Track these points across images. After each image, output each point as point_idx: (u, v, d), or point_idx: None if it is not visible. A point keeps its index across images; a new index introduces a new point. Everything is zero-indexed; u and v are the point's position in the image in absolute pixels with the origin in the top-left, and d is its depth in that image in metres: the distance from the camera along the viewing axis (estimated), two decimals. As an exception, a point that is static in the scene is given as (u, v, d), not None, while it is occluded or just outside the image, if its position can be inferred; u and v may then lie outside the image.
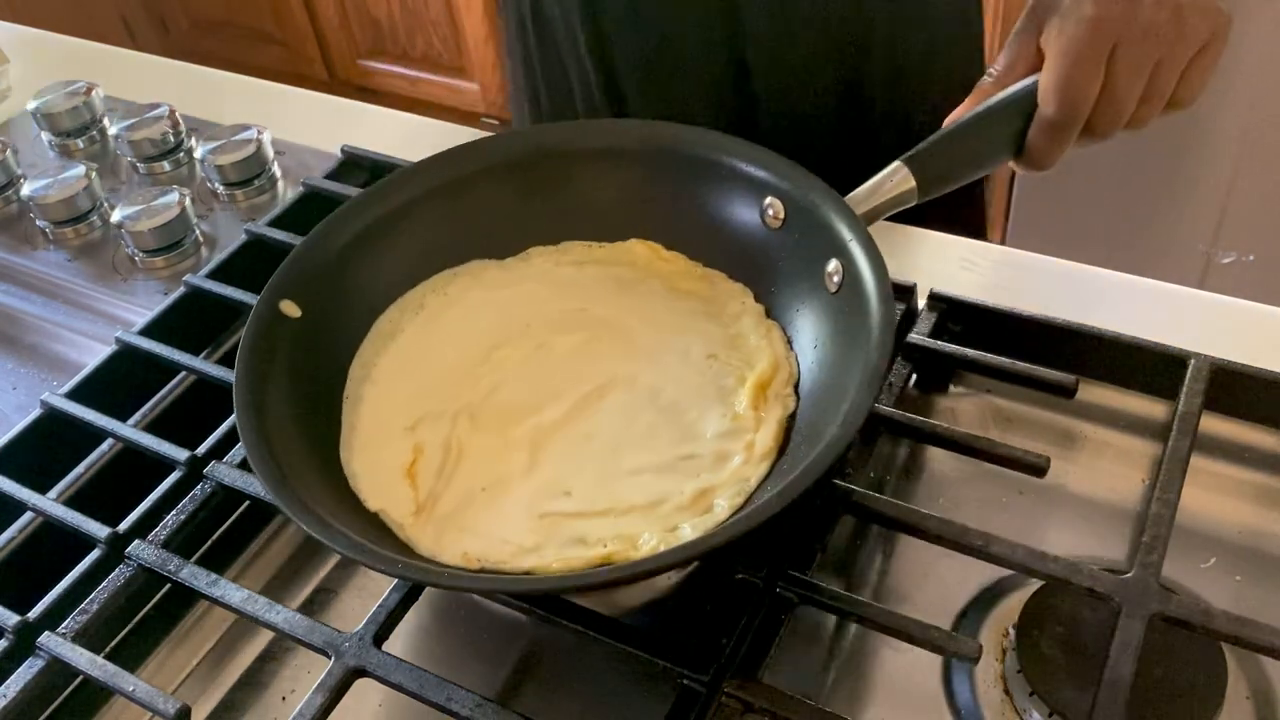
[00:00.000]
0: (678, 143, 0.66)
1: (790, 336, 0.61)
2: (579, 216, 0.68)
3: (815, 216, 0.59)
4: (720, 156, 0.64)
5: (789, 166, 0.61)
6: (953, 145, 0.61)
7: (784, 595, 0.54)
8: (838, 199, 0.59)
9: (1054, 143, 0.60)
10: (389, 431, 0.60)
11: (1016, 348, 0.65)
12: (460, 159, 0.68)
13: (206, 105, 1.00)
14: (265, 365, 0.58)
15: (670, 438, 0.58)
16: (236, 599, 0.56)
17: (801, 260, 0.61)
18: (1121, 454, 0.66)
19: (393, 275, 0.66)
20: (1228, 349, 0.63)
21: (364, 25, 2.61)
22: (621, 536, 0.54)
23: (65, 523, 0.61)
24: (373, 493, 0.57)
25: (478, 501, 0.57)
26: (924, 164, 0.60)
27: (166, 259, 0.85)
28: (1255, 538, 0.61)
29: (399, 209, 0.66)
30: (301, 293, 0.62)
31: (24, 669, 0.55)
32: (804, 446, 0.55)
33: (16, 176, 0.94)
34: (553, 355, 0.63)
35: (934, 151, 0.60)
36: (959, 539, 0.55)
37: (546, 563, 0.53)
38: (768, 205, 0.62)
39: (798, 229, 0.61)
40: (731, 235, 0.64)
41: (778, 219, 0.62)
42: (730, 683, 0.51)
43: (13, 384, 0.79)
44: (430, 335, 0.64)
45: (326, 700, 0.51)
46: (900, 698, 0.56)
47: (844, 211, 0.58)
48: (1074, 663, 0.54)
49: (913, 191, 0.60)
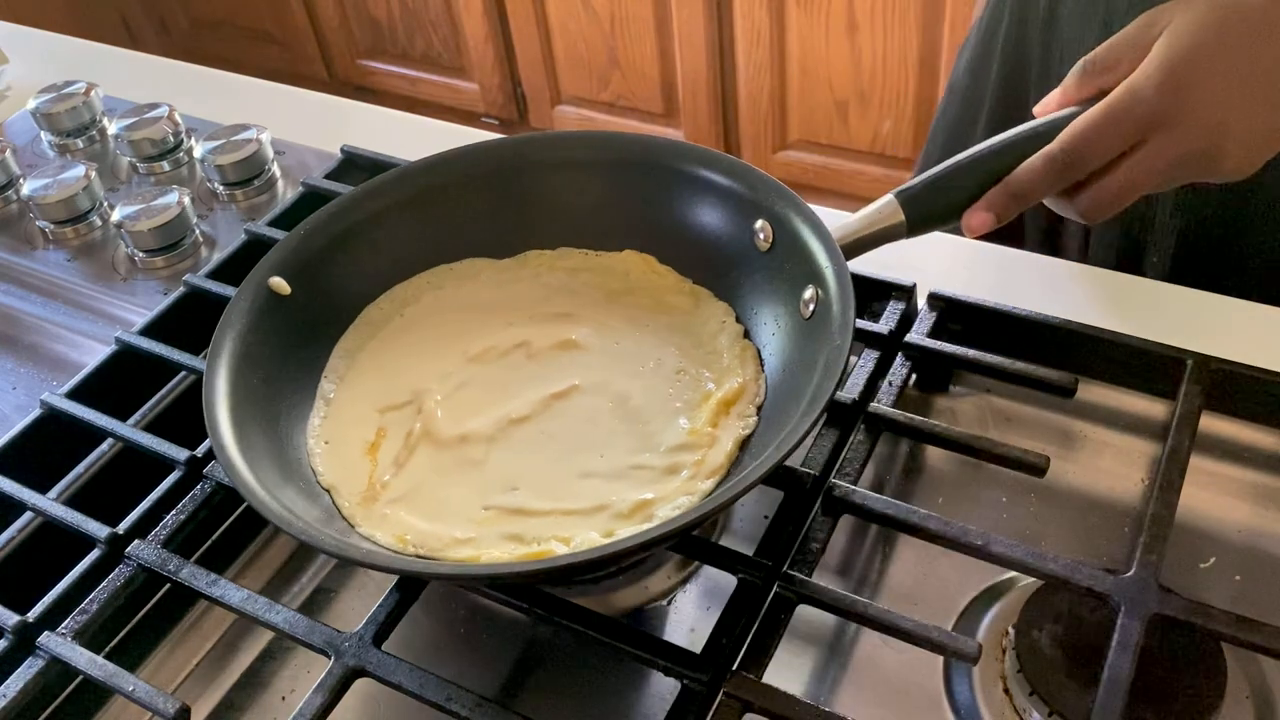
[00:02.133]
0: (676, 159, 0.66)
1: (764, 359, 0.61)
2: (578, 224, 0.69)
3: (799, 242, 0.59)
4: (715, 176, 0.64)
5: (780, 191, 0.61)
6: (948, 183, 0.59)
7: (784, 595, 0.54)
8: (822, 228, 0.58)
9: (1039, 178, 0.57)
10: (358, 413, 0.61)
11: (1016, 347, 0.65)
12: (475, 157, 0.69)
13: (206, 105, 1.00)
14: (246, 331, 0.59)
15: (627, 446, 0.58)
16: (236, 599, 0.56)
17: (784, 284, 0.61)
18: (1121, 453, 0.66)
19: (389, 265, 0.67)
20: (1227, 349, 0.63)
21: (363, 25, 2.61)
22: (557, 538, 0.54)
23: (65, 522, 0.61)
24: (328, 468, 0.59)
25: (426, 488, 0.58)
26: (915, 200, 0.59)
27: (166, 259, 0.85)
28: (1254, 537, 0.61)
29: (405, 201, 0.67)
30: (294, 271, 0.63)
31: (24, 669, 0.55)
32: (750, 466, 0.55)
33: (16, 176, 0.94)
34: (529, 355, 0.64)
35: (927, 187, 0.59)
36: (959, 539, 0.55)
37: (477, 555, 0.54)
38: (759, 228, 0.62)
39: (783, 253, 0.61)
40: (721, 254, 0.65)
41: (767, 242, 0.62)
42: (730, 682, 0.51)
43: (12, 384, 0.79)
44: (416, 327, 0.66)
45: (326, 700, 0.51)
46: (900, 698, 0.56)
47: (826, 240, 0.58)
48: (1073, 662, 0.54)
49: (901, 227, 0.59)
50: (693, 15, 2.12)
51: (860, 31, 1.98)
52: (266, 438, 0.57)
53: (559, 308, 0.66)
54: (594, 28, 2.27)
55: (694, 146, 0.66)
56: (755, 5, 2.04)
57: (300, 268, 0.63)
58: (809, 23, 2.02)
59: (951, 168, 0.59)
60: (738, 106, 2.22)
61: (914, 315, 0.68)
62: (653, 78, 2.28)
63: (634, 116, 2.37)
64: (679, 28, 2.16)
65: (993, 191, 0.58)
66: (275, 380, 0.60)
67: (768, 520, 0.57)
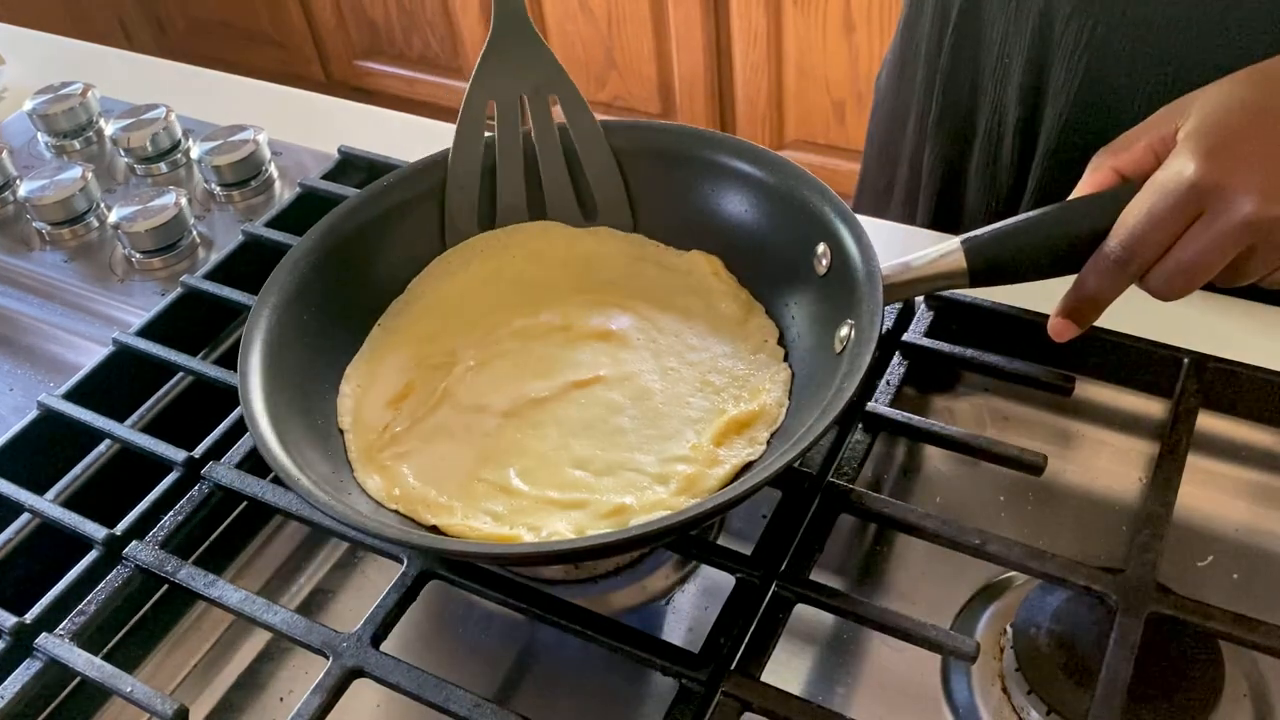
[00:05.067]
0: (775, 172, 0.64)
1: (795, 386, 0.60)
2: (658, 216, 0.68)
3: (849, 273, 0.57)
4: (804, 192, 0.62)
5: (847, 217, 0.59)
6: (1015, 239, 0.56)
7: (782, 594, 0.54)
8: (874, 263, 0.56)
9: (1105, 280, 0.54)
10: (396, 362, 0.63)
11: (1014, 347, 0.65)
12: None
13: (203, 106, 1.00)
14: (308, 269, 0.62)
15: (629, 444, 0.58)
16: (234, 600, 0.56)
17: (831, 313, 0.59)
18: (1118, 452, 0.66)
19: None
20: (1225, 347, 0.63)
21: (360, 26, 2.61)
22: (530, 525, 0.54)
23: (63, 524, 0.61)
24: (350, 410, 0.60)
25: (432, 449, 0.58)
26: (981, 250, 0.56)
27: (163, 260, 0.84)
28: (1252, 535, 0.61)
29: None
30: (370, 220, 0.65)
31: (21, 670, 0.55)
32: None
33: (13, 177, 0.94)
34: (567, 338, 0.64)
35: (995, 239, 0.56)
36: (956, 538, 0.55)
37: (450, 524, 0.54)
38: (821, 252, 0.60)
39: (837, 281, 0.59)
40: (782, 272, 0.64)
41: (826, 266, 0.60)
42: (729, 682, 0.51)
43: (10, 385, 0.79)
44: (475, 288, 0.67)
45: (324, 701, 0.51)
46: (898, 696, 0.56)
47: (872, 277, 0.56)
48: (1071, 661, 0.54)
49: (963, 275, 0.56)
50: (689, 15, 2.12)
51: (857, 31, 1.98)
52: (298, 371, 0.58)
53: (610, 296, 0.66)
54: (591, 28, 2.27)
55: (786, 161, 0.64)
56: (752, 5, 2.04)
57: (380, 216, 0.65)
58: (806, 23, 2.02)
59: (1021, 222, 0.56)
60: (735, 107, 2.22)
61: (912, 314, 0.68)
62: (650, 78, 2.28)
63: (631, 116, 2.37)
64: (676, 28, 2.16)
65: (1067, 297, 0.56)
66: (326, 315, 0.62)
67: (766, 519, 0.58)
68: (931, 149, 0.86)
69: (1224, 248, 0.51)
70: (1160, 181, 0.52)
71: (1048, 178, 0.79)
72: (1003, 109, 0.80)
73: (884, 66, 0.93)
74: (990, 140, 0.82)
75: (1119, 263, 0.53)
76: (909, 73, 0.88)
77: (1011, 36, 0.76)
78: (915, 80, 0.87)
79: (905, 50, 0.88)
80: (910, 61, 0.87)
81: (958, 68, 0.82)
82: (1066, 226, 0.55)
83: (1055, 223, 0.55)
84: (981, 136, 0.83)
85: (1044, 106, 0.77)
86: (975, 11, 0.79)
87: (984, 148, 0.83)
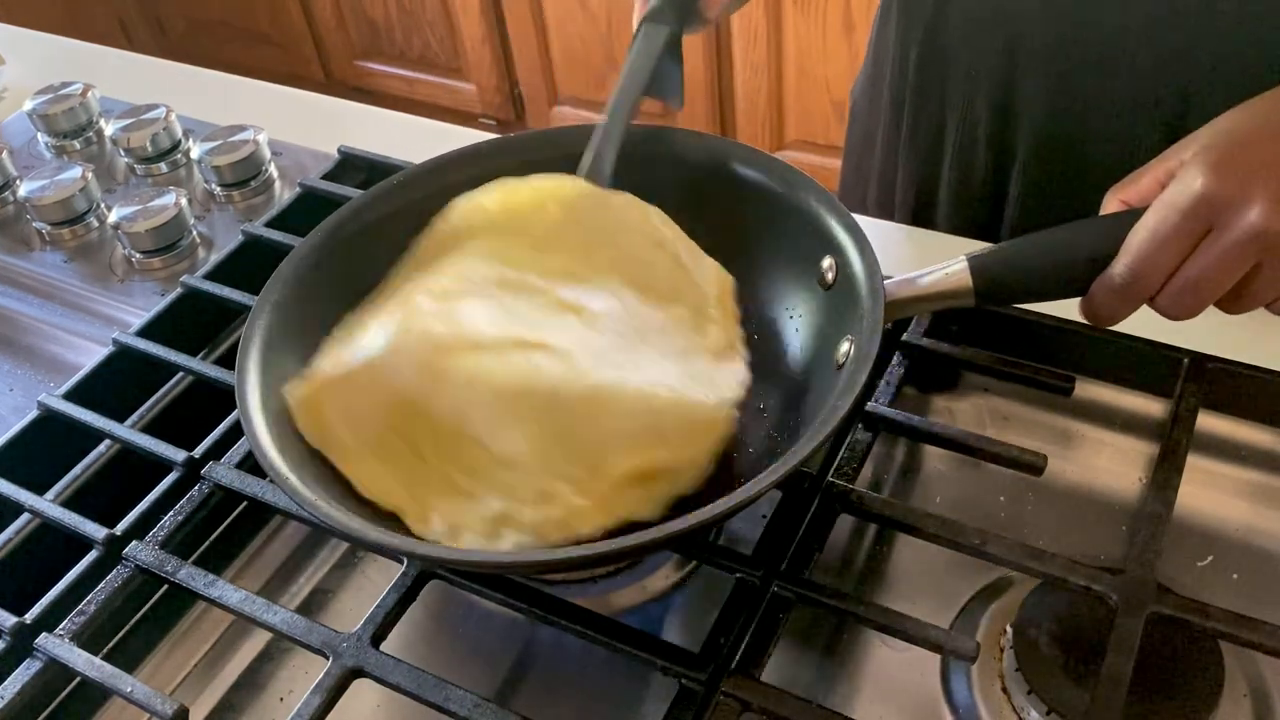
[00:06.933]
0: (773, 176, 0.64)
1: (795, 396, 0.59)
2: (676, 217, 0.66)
3: (853, 289, 0.57)
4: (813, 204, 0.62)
5: (854, 232, 0.59)
6: (1020, 261, 0.55)
7: (782, 594, 0.54)
8: (878, 278, 0.56)
9: (1113, 301, 0.53)
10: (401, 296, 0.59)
11: (1014, 346, 0.65)
12: None
13: (203, 106, 1.00)
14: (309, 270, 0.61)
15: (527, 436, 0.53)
16: (234, 600, 0.56)
17: (834, 327, 0.59)
18: (1118, 452, 0.66)
19: None
20: (1225, 347, 0.63)
21: (360, 26, 2.61)
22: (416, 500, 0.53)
23: (62, 524, 0.61)
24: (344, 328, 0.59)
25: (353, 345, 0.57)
26: (986, 267, 0.55)
27: (163, 260, 0.84)
28: (1252, 535, 0.61)
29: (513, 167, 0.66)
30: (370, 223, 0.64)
31: (21, 670, 0.55)
32: None
33: (13, 178, 0.94)
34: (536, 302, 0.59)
35: (998, 258, 0.55)
36: (956, 538, 0.55)
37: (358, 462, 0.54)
38: (827, 266, 0.60)
39: (842, 296, 0.58)
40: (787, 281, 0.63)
41: (831, 281, 0.60)
42: (728, 682, 0.51)
43: (10, 385, 0.79)
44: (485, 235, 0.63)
45: (324, 701, 0.51)
46: (898, 696, 0.56)
47: (875, 295, 0.55)
48: (1071, 661, 0.54)
49: (968, 293, 0.55)
50: (690, 15, 2.12)
51: (857, 32, 1.98)
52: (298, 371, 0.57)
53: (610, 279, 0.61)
54: (591, 28, 2.27)
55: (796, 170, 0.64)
56: (752, 5, 2.04)
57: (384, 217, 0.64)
58: (806, 23, 2.02)
59: (1024, 243, 0.56)
60: (735, 107, 2.22)
61: (911, 314, 0.68)
62: (650, 78, 2.28)
63: (631, 116, 2.37)
64: (676, 28, 2.16)
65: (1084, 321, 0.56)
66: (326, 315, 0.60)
67: (765, 520, 0.58)
68: (904, 167, 0.87)
69: (1232, 262, 0.50)
70: (1166, 198, 0.51)
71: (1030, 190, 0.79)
72: (972, 121, 0.80)
73: (856, 83, 0.94)
74: (963, 154, 0.82)
75: (1125, 285, 0.52)
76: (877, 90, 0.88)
77: (980, 50, 0.76)
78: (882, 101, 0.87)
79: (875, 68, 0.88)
80: (879, 79, 0.88)
81: (925, 84, 0.82)
82: (1073, 249, 0.55)
83: (1063, 244, 0.55)
84: (952, 153, 0.83)
85: (1017, 117, 0.77)
86: (942, 25, 0.78)
87: (956, 164, 0.83)
